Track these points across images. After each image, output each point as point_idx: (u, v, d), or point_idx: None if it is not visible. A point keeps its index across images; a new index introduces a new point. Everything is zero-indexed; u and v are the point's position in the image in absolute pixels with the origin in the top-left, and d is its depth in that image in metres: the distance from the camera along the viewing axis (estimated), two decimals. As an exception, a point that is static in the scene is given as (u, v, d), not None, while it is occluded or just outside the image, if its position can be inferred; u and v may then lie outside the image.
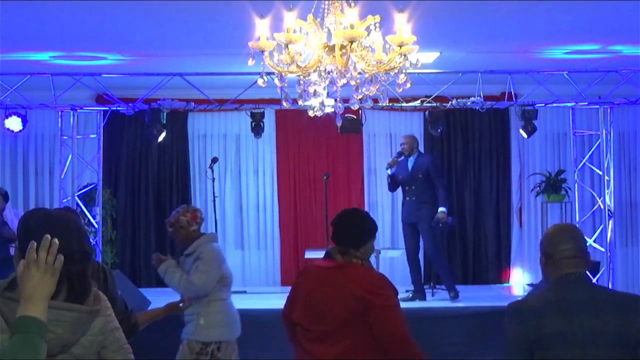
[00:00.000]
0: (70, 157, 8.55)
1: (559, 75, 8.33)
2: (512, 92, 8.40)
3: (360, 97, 4.55)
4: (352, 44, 4.20)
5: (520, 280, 10.59)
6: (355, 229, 3.77)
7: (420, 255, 8.89)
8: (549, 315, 2.91)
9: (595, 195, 9.33)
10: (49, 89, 8.19)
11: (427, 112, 9.25)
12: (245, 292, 9.14)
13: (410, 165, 8.56)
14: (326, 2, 4.49)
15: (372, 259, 8.80)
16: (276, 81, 4.49)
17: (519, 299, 3.14)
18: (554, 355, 2.88)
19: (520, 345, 2.95)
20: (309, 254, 9.33)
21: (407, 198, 8.62)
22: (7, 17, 6.27)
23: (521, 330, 2.95)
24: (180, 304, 4.37)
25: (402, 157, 8.61)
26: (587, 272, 3.07)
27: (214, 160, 9.49)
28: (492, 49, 8.04)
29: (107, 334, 2.63)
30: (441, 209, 8.42)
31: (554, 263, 2.99)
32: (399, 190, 8.91)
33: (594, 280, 5.71)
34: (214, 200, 9.45)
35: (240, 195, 10.66)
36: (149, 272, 10.37)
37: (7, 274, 2.50)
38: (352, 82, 4.45)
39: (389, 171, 8.67)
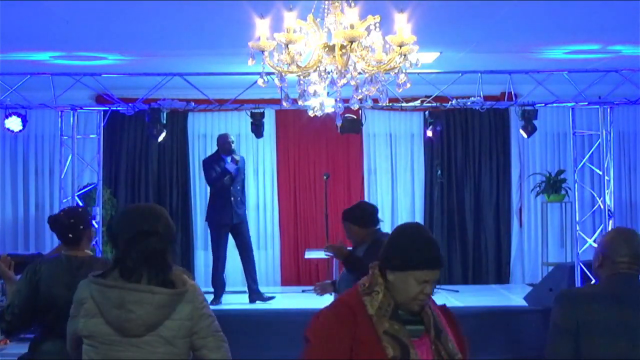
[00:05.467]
0: (70, 157, 8.55)
1: (559, 75, 8.32)
2: (512, 92, 8.40)
3: (360, 97, 4.55)
4: (352, 44, 4.20)
5: (520, 281, 10.60)
6: None
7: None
8: (598, 304, 2.97)
9: (595, 195, 9.32)
10: (49, 89, 8.19)
11: (427, 112, 9.24)
12: (245, 292, 9.14)
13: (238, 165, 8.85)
14: (326, 2, 4.49)
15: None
16: (276, 81, 4.49)
17: (570, 287, 3.26)
18: (601, 344, 2.93)
19: (567, 330, 2.98)
20: (309, 254, 9.34)
21: (232, 198, 8.77)
22: (7, 17, 6.27)
23: (570, 314, 2.99)
24: None
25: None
26: None
27: (214, 160, 9.49)
28: (492, 49, 8.04)
29: (197, 320, 2.76)
30: None
31: (611, 265, 3.08)
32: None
33: (594, 281, 5.71)
34: (214, 200, 9.44)
35: (240, 195, 10.65)
36: (149, 272, 10.38)
37: None
38: (352, 82, 4.45)
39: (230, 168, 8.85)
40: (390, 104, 8.43)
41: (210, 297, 8.44)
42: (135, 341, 2.65)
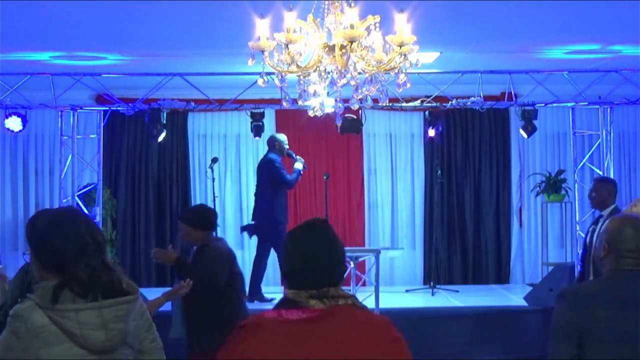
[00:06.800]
0: (70, 157, 8.56)
1: (559, 75, 8.33)
2: (512, 92, 8.40)
3: (360, 97, 4.56)
4: (352, 44, 4.21)
5: (520, 280, 10.60)
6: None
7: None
8: (604, 306, 2.85)
9: (596, 195, 9.31)
10: (49, 89, 8.19)
11: (427, 112, 9.25)
12: (245, 292, 9.14)
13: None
14: (326, 2, 4.49)
15: (371, 259, 8.82)
16: (276, 81, 4.50)
17: (572, 285, 3.09)
18: (605, 349, 2.82)
19: (571, 332, 2.86)
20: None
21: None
22: (7, 17, 6.27)
23: (574, 315, 2.86)
24: (180, 290, 4.40)
25: None
26: None
27: (214, 160, 9.49)
28: (492, 49, 8.04)
29: (142, 314, 2.73)
30: None
31: (616, 257, 2.95)
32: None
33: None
34: (214, 200, 9.43)
35: (240, 195, 10.65)
36: (148, 272, 10.38)
37: None
38: (352, 82, 4.46)
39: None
40: (390, 104, 8.45)
41: None
42: (108, 356, 2.57)
